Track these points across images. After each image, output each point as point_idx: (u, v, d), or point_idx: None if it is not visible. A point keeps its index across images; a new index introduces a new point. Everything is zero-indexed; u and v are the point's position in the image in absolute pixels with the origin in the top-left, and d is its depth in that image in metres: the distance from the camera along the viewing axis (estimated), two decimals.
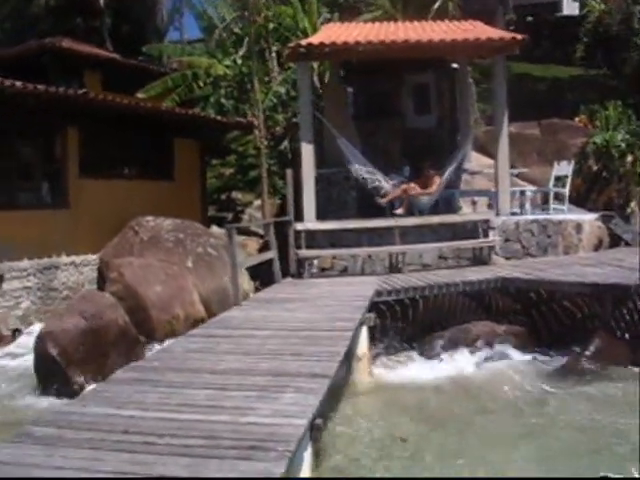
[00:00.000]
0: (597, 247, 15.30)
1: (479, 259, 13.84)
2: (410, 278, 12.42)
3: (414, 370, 10.47)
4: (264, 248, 15.89)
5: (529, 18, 32.83)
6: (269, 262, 12.79)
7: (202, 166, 18.14)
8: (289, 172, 13.50)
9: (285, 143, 19.57)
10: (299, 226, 13.14)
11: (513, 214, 14.61)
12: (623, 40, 29.54)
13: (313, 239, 13.36)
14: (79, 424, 4.83)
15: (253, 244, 16.60)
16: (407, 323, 11.90)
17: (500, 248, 14.01)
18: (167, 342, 11.08)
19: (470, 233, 13.86)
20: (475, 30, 15.91)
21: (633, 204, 17.59)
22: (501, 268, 13.12)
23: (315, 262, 13.29)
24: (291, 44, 14.18)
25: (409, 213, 14.43)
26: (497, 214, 14.16)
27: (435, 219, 13.69)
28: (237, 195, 20.70)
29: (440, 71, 19.28)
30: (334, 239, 13.52)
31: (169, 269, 12.76)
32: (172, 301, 12.17)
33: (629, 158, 17.60)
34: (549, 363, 10.91)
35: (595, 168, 17.43)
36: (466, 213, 14.45)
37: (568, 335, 11.81)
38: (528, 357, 11.03)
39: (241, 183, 21.44)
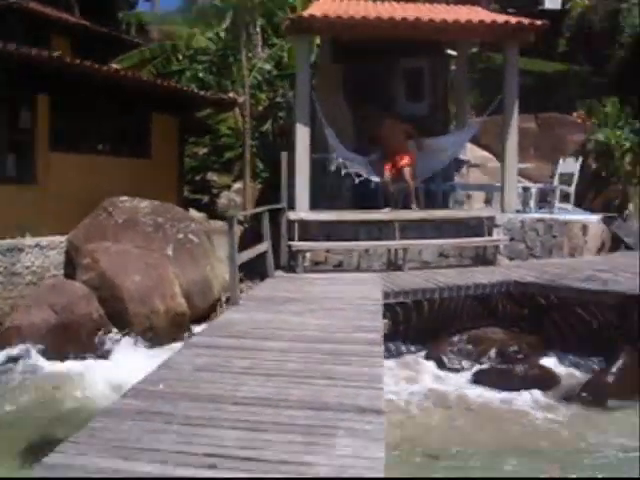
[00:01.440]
0: (599, 250, 14.37)
1: (483, 259, 12.74)
2: (414, 278, 11.28)
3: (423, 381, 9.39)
4: (246, 236, 14.60)
5: (511, 10, 31.84)
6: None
7: (180, 144, 16.67)
8: (284, 155, 12.19)
9: (267, 125, 18.19)
10: (292, 215, 11.88)
11: (517, 212, 13.52)
12: (607, 37, 28.72)
13: (306, 230, 12.11)
14: None
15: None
16: (410, 327, 10.77)
17: (503, 247, 12.91)
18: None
19: (474, 230, 12.76)
20: (481, 14, 14.78)
21: (631, 206, 16.70)
22: (508, 270, 12.05)
23: (308, 255, 12.03)
24: (292, 16, 12.84)
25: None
26: (502, 211, 13.07)
27: (438, 214, 12.56)
28: (212, 177, 19.25)
29: (435, 56, 18.09)
30: (329, 231, 12.29)
31: (148, 257, 11.38)
32: (152, 293, 10.81)
33: (628, 158, 16.68)
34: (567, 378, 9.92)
35: (594, 167, 16.45)
36: (470, 209, 13.31)
37: (583, 345, 10.84)
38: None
39: (216, 164, 19.96)
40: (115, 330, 10.23)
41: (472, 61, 25.75)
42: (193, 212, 15.26)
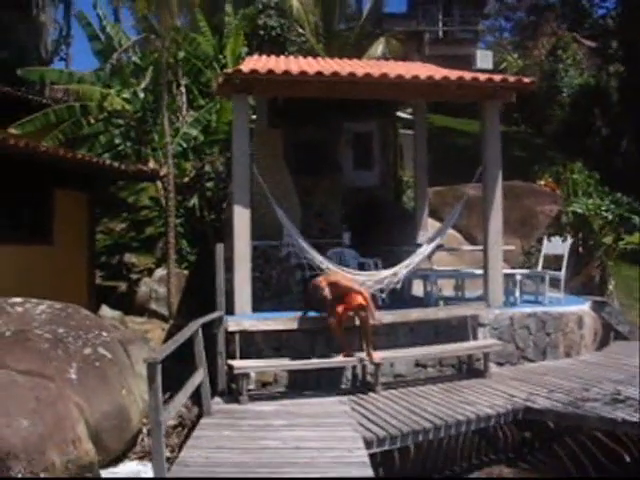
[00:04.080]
0: (593, 342, 11.92)
1: (468, 367, 10.08)
2: (393, 405, 8.51)
3: None
4: (172, 335, 11.60)
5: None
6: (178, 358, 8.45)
7: (91, 224, 13.56)
8: (220, 247, 9.30)
9: (194, 199, 15.27)
10: (233, 325, 8.97)
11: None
12: (545, 97, 27.13)
13: (250, 342, 9.24)
14: None
15: (156, 331, 12.21)
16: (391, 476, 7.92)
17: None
18: None
19: (456, 332, 10.12)
20: (443, 71, 12.42)
21: (611, 285, 14.39)
22: (505, 385, 9.39)
23: (253, 375, 9.11)
24: (228, 70, 10.08)
25: None
26: (487, 306, 10.46)
27: (414, 315, 9.81)
28: (131, 258, 16.15)
29: (385, 118, 15.69)
30: (279, 342, 9.42)
31: (42, 389, 8.22)
32: (44, 443, 7.64)
33: (605, 231, 14.43)
34: None
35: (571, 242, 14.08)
36: (451, 305, 10.59)
37: None
38: None
39: (135, 242, 16.89)
40: None
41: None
42: (106, 310, 12.17)
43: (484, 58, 31.21)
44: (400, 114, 17.48)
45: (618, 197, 14.20)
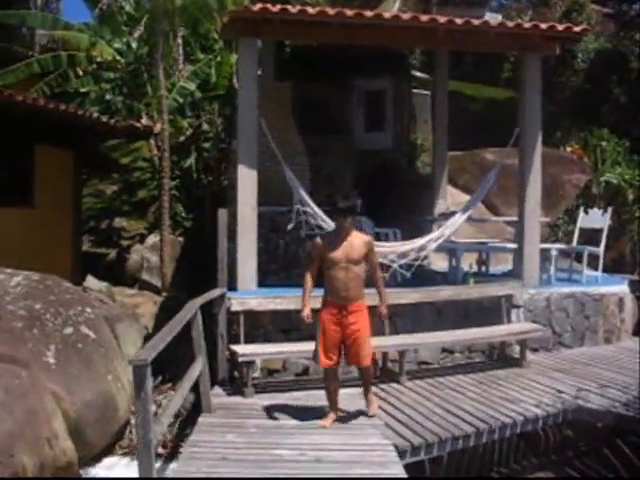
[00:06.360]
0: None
1: (501, 354, 8.81)
2: (423, 401, 7.24)
3: None
4: (165, 310, 10.32)
5: None
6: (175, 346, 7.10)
7: (77, 185, 12.14)
8: (222, 213, 7.93)
9: (190, 159, 13.85)
10: (236, 304, 7.64)
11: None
12: (559, 63, 25.59)
13: (256, 323, 7.95)
14: None
15: (148, 304, 10.85)
16: None
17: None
18: None
19: (487, 314, 8.83)
20: None
21: None
22: (548, 377, 8.14)
23: (259, 362, 7.81)
24: (235, 8, 8.64)
25: None
26: (522, 285, 9.15)
27: (442, 294, 8.50)
28: (121, 223, 14.74)
29: (398, 75, 14.28)
30: (288, 322, 8.11)
31: (13, 377, 6.89)
32: (14, 443, 6.37)
33: None
34: None
35: None
36: (479, 283, 9.22)
37: None
38: None
39: (127, 205, 15.47)
40: None
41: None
42: (92, 281, 10.80)
43: (491, 18, 29.65)
44: (413, 73, 16.05)
45: None
